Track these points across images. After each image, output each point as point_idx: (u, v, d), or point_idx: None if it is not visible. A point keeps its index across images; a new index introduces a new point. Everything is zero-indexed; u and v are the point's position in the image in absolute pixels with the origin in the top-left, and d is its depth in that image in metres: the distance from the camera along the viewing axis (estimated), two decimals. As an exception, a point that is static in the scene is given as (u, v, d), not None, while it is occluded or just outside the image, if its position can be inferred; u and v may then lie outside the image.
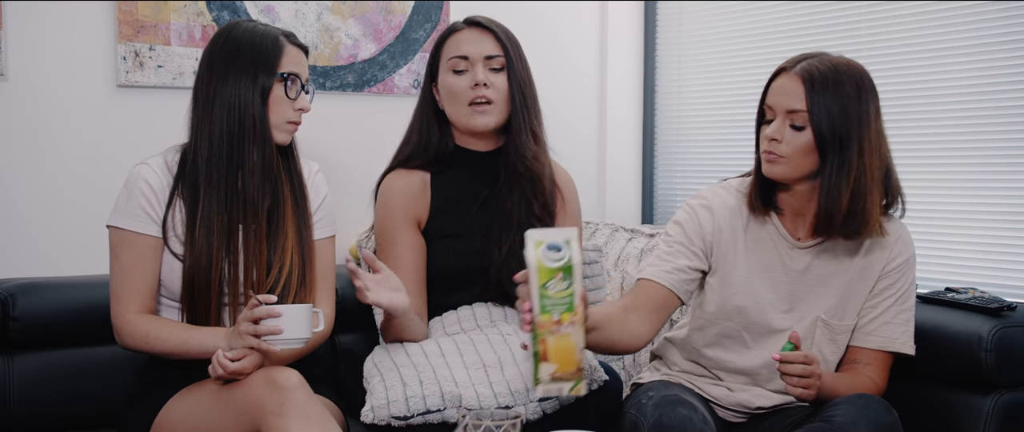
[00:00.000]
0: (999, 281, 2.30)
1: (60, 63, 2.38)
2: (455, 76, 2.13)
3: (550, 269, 1.55)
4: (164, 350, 1.87)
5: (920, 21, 2.45)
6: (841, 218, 1.84)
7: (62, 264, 2.36)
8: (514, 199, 2.14)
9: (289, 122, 1.98)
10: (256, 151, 1.93)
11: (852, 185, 1.81)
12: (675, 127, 3.17)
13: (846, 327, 1.96)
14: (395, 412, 1.86)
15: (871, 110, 1.84)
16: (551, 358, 1.56)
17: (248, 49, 1.93)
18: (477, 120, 2.12)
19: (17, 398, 2.06)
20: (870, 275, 1.95)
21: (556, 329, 1.55)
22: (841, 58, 1.89)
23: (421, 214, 2.17)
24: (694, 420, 1.77)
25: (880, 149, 1.85)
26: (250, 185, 1.92)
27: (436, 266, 2.16)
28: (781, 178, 1.88)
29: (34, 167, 2.36)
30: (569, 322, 1.56)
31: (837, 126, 1.80)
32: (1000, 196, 2.31)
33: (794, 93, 1.83)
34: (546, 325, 1.55)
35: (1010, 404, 1.95)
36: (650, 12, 3.21)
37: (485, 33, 2.14)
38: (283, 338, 1.77)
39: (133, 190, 1.92)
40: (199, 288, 1.89)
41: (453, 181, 2.18)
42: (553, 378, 1.57)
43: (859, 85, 1.84)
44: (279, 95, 1.95)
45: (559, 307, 1.55)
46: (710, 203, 1.99)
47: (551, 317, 1.55)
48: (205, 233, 1.89)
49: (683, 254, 1.96)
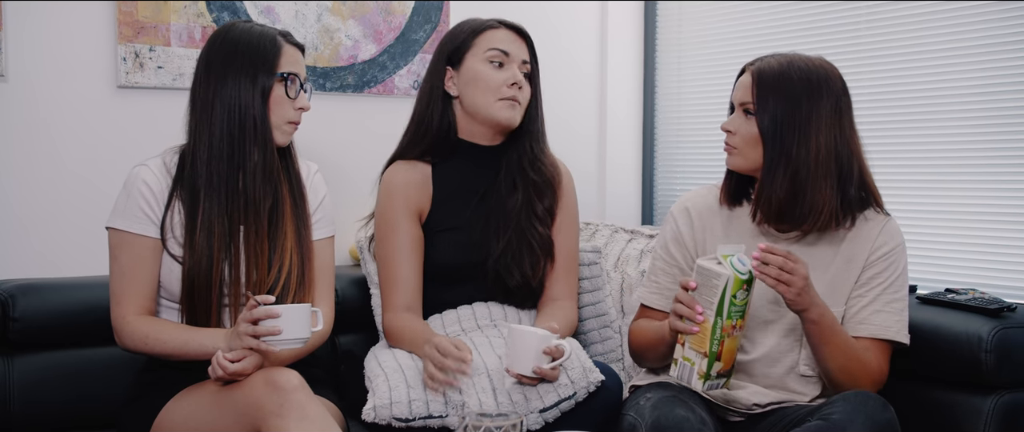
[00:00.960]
0: (999, 282, 2.30)
1: (60, 64, 2.38)
2: (493, 68, 2.15)
3: (740, 280, 1.76)
4: (164, 352, 1.87)
5: (920, 21, 2.45)
6: (779, 206, 1.92)
7: (62, 265, 2.36)
8: (517, 198, 2.16)
9: (289, 122, 1.98)
10: (257, 152, 1.93)
11: (791, 175, 1.89)
12: (675, 127, 3.17)
13: (835, 315, 1.97)
14: (397, 414, 1.86)
15: (823, 106, 1.90)
16: (723, 357, 1.79)
17: (246, 50, 1.93)
18: (507, 113, 2.16)
19: (17, 399, 2.06)
20: (855, 265, 1.97)
21: (732, 332, 1.79)
22: (800, 57, 1.96)
23: (423, 206, 2.18)
24: (692, 420, 1.78)
25: (832, 143, 1.91)
26: (251, 186, 1.92)
27: (436, 259, 2.16)
28: (738, 169, 1.99)
29: (34, 168, 2.36)
30: (740, 327, 1.81)
31: (779, 118, 1.90)
32: (1000, 197, 2.31)
33: (746, 87, 1.95)
34: (727, 329, 1.77)
35: (1010, 405, 1.95)
36: (650, 12, 3.21)
37: (521, 39, 2.20)
38: (282, 338, 1.77)
39: (132, 192, 1.92)
40: (199, 290, 1.89)
41: (453, 173, 2.19)
42: (718, 374, 1.80)
43: (810, 83, 1.91)
44: (279, 95, 1.95)
45: (737, 313, 1.78)
46: (688, 205, 2.09)
47: (732, 322, 1.78)
48: (206, 235, 1.89)
49: (665, 273, 2.07)
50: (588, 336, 2.38)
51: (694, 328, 1.78)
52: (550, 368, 1.88)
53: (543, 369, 1.87)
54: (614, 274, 2.47)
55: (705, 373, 1.79)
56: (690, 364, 1.80)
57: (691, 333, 1.79)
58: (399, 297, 2.11)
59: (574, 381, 1.91)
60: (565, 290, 2.21)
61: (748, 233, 2.01)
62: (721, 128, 2.00)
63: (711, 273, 1.77)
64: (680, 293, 1.81)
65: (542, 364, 1.87)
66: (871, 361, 1.92)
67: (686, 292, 1.80)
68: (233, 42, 1.94)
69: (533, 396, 1.90)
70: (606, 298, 2.40)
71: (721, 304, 1.76)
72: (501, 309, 2.17)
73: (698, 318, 1.77)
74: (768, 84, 1.92)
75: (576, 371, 1.92)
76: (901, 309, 1.97)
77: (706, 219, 2.06)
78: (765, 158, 1.93)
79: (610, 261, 2.52)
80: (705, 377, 1.79)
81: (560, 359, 1.88)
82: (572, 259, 2.24)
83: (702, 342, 1.78)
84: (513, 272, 2.14)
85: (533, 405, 1.90)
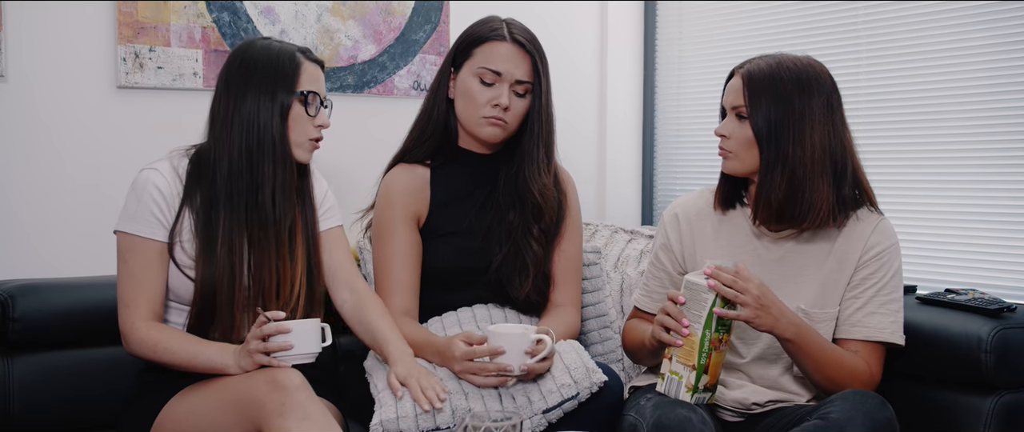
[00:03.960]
0: (999, 282, 2.30)
1: (60, 64, 2.38)
2: (480, 85, 2.11)
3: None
4: (171, 362, 1.87)
5: (920, 21, 2.45)
6: (778, 206, 1.92)
7: (61, 265, 2.36)
8: (515, 215, 2.15)
9: (311, 140, 1.98)
10: (276, 170, 1.92)
11: (789, 174, 1.90)
12: (675, 127, 3.17)
13: (828, 315, 1.97)
14: (404, 427, 1.84)
15: (814, 103, 1.91)
16: (710, 370, 1.82)
17: (265, 67, 1.92)
18: (488, 132, 2.13)
19: (17, 400, 2.06)
20: (848, 265, 1.97)
21: (718, 346, 1.82)
22: (788, 57, 1.96)
23: (421, 211, 2.17)
24: (693, 420, 1.78)
25: (825, 141, 1.91)
26: (269, 203, 1.92)
27: (435, 262, 2.16)
28: (734, 172, 1.99)
29: (33, 168, 2.36)
30: (726, 341, 1.84)
31: (772, 118, 1.90)
32: (1000, 197, 2.31)
33: (737, 91, 1.95)
34: (714, 342, 1.81)
35: (1010, 405, 1.95)
36: (650, 12, 3.21)
37: (524, 56, 2.12)
38: (293, 354, 1.79)
39: (143, 195, 1.90)
40: (220, 304, 1.90)
41: (453, 179, 2.19)
42: (705, 387, 1.83)
43: (800, 81, 1.91)
44: (298, 113, 1.94)
45: (723, 328, 1.82)
46: (678, 209, 2.10)
47: (718, 336, 1.81)
48: (226, 250, 1.89)
49: (655, 277, 2.11)
50: (588, 336, 2.38)
51: (678, 341, 1.81)
52: (536, 362, 1.88)
53: (532, 366, 1.87)
54: (614, 275, 2.47)
55: (693, 386, 1.81)
56: (678, 377, 1.83)
57: (675, 345, 1.82)
58: (396, 301, 2.11)
59: (577, 381, 1.91)
60: (568, 297, 2.21)
61: (741, 236, 2.02)
62: (715, 133, 2.00)
63: (699, 287, 1.80)
64: (668, 306, 1.84)
65: (528, 362, 1.87)
66: (860, 367, 1.92)
67: (675, 306, 1.83)
68: (252, 59, 1.93)
69: (536, 397, 1.90)
70: (606, 298, 2.40)
71: (709, 317, 1.79)
72: (502, 312, 2.16)
73: (684, 331, 1.80)
74: (759, 86, 1.92)
75: (579, 371, 1.92)
76: (896, 310, 1.97)
77: (696, 224, 2.07)
78: (762, 160, 1.93)
79: (610, 262, 2.52)
80: (693, 390, 1.82)
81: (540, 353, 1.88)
82: (575, 267, 2.24)
83: (690, 355, 1.81)
84: (514, 281, 2.14)
85: (537, 406, 1.90)
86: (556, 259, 2.21)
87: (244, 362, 1.80)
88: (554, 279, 2.21)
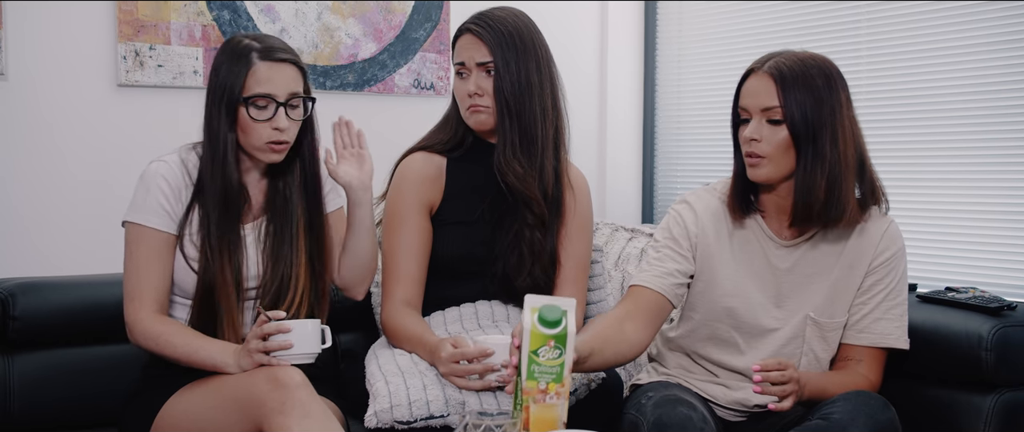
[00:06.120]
0: (999, 280, 2.30)
1: (60, 63, 2.38)
2: (459, 79, 2.16)
3: (543, 335, 1.54)
4: (173, 355, 1.87)
5: (920, 21, 2.45)
6: (819, 208, 1.86)
7: (62, 263, 2.36)
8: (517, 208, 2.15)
9: (268, 143, 1.89)
10: (234, 175, 1.91)
11: (827, 174, 1.84)
12: (675, 127, 3.18)
13: (837, 324, 1.96)
14: (398, 416, 1.85)
15: (841, 99, 1.86)
16: (532, 427, 1.54)
17: (221, 70, 1.89)
18: (473, 119, 2.15)
19: (17, 397, 2.06)
20: (857, 271, 1.95)
21: (541, 398, 1.54)
22: (805, 53, 1.91)
23: (434, 199, 2.17)
24: (694, 419, 1.77)
25: (853, 136, 1.88)
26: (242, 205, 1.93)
27: (443, 250, 2.16)
28: (767, 180, 1.89)
29: (34, 166, 2.36)
30: (555, 393, 1.55)
31: (810, 118, 1.83)
32: (1000, 195, 2.31)
33: (766, 91, 1.85)
34: (531, 392, 1.54)
35: (1010, 403, 1.95)
36: (650, 12, 3.22)
37: (476, 39, 2.12)
38: (293, 353, 1.79)
39: (152, 187, 1.90)
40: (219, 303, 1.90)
41: (468, 171, 2.19)
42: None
43: (827, 75, 1.86)
44: (245, 120, 1.88)
45: (547, 376, 1.55)
46: (693, 205, 2.01)
47: (537, 385, 1.54)
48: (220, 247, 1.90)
49: (672, 258, 1.98)
50: (588, 335, 2.38)
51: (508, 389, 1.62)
52: None
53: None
54: (614, 273, 2.47)
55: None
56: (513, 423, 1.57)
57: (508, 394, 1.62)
58: (400, 290, 2.11)
59: (575, 379, 1.91)
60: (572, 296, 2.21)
61: (753, 245, 1.97)
62: (745, 138, 1.88)
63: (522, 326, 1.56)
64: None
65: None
66: (860, 379, 1.92)
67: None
68: (216, 63, 1.92)
69: None
70: (607, 297, 2.40)
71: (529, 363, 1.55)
72: (504, 309, 2.16)
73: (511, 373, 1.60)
74: (792, 84, 1.84)
75: None
76: (901, 315, 1.96)
77: (710, 224, 1.99)
78: (799, 161, 1.85)
79: (610, 260, 2.52)
80: None
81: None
82: (581, 266, 2.23)
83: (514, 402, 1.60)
84: (522, 273, 2.14)
85: None
86: (562, 258, 2.21)
87: (244, 362, 1.80)
88: (558, 278, 2.21)
